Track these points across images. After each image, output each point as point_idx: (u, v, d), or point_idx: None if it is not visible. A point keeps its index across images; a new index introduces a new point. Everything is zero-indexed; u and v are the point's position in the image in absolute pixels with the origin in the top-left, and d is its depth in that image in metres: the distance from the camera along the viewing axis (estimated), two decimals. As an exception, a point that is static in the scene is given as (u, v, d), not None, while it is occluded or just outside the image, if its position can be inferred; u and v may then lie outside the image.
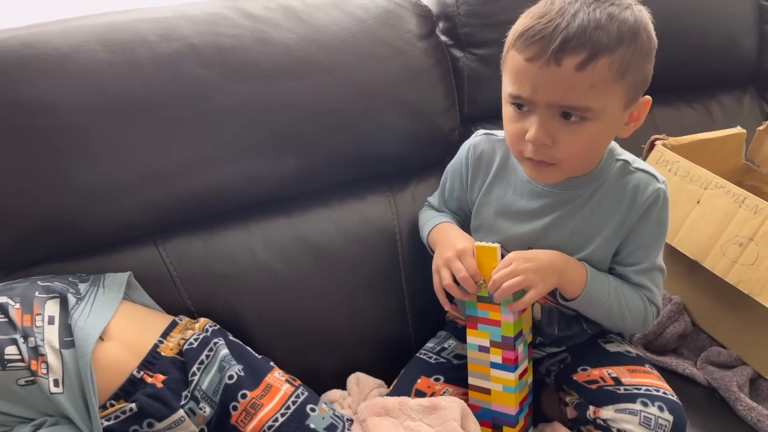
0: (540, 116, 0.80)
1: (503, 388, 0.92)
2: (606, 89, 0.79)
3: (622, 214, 0.91)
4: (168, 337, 0.91)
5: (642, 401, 0.88)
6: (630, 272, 0.93)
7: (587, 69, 0.76)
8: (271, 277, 1.06)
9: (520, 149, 0.85)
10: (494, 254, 0.88)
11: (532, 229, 0.93)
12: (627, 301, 0.92)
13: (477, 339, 0.92)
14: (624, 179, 0.91)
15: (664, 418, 0.87)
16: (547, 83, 0.78)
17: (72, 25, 0.96)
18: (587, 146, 0.83)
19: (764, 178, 1.33)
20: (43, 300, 0.83)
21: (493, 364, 0.92)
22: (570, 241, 0.92)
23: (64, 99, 0.91)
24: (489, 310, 0.90)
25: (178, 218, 1.03)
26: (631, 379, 0.92)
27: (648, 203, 0.90)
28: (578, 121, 0.80)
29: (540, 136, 0.80)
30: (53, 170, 0.93)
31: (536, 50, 0.77)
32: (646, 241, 0.92)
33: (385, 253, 1.14)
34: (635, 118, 0.87)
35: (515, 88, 0.81)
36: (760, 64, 1.57)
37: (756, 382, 1.09)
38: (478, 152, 0.99)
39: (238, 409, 0.86)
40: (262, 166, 1.05)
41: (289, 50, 1.03)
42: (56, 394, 0.79)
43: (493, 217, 0.98)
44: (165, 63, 0.96)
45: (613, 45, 0.76)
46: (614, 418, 0.88)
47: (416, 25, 1.14)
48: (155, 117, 0.96)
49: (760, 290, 0.98)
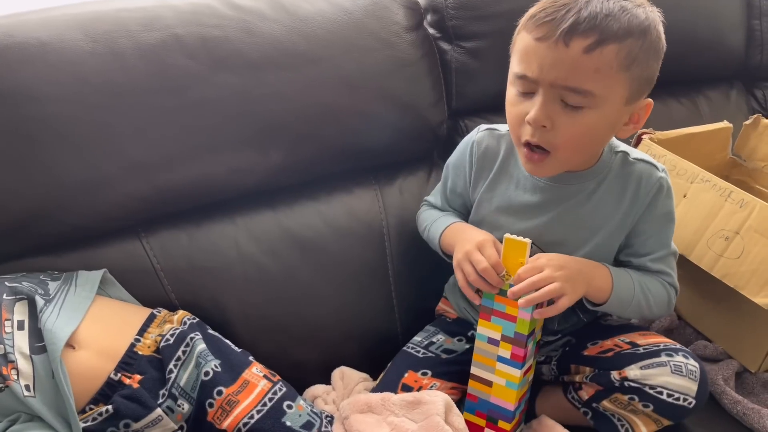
0: (542, 97, 0.81)
1: (506, 383, 0.91)
2: (610, 77, 0.79)
3: (625, 207, 0.91)
4: (145, 334, 0.90)
5: (666, 353, 0.88)
6: (647, 262, 0.94)
7: (594, 53, 0.77)
8: (257, 271, 1.05)
9: (519, 133, 0.85)
10: (524, 249, 0.86)
11: (536, 224, 0.93)
12: (651, 293, 0.92)
13: (488, 331, 0.90)
14: (625, 171, 0.91)
15: (692, 365, 0.87)
16: (553, 62, 0.78)
17: (53, 14, 0.94)
18: (584, 135, 0.83)
19: (750, 173, 1.33)
20: (11, 303, 0.82)
21: (500, 357, 0.90)
22: (574, 235, 0.92)
23: (45, 89, 0.90)
24: (506, 304, 0.88)
25: (162, 211, 1.02)
26: (646, 340, 0.92)
27: (652, 194, 0.91)
28: (578, 108, 0.80)
29: (540, 117, 0.80)
30: (34, 161, 0.91)
31: (546, 30, 0.78)
32: (657, 231, 0.93)
33: (372, 247, 1.13)
34: (635, 120, 0.87)
35: (521, 67, 0.82)
36: (747, 60, 1.57)
37: (742, 376, 1.09)
38: (482, 148, 0.99)
39: (214, 406, 0.85)
40: (248, 158, 1.04)
41: (275, 41, 1.02)
42: (29, 398, 0.78)
43: (495, 212, 0.97)
44: (148, 53, 0.94)
45: (621, 35, 0.78)
46: (643, 375, 0.87)
47: (404, 17, 1.13)
48: (138, 108, 0.95)
49: (745, 284, 0.98)
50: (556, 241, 0.92)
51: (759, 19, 1.55)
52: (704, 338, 1.15)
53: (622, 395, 0.90)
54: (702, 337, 1.15)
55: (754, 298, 0.97)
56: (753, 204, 1.00)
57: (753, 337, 1.06)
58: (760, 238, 0.98)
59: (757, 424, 0.99)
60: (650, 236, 0.93)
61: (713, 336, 1.14)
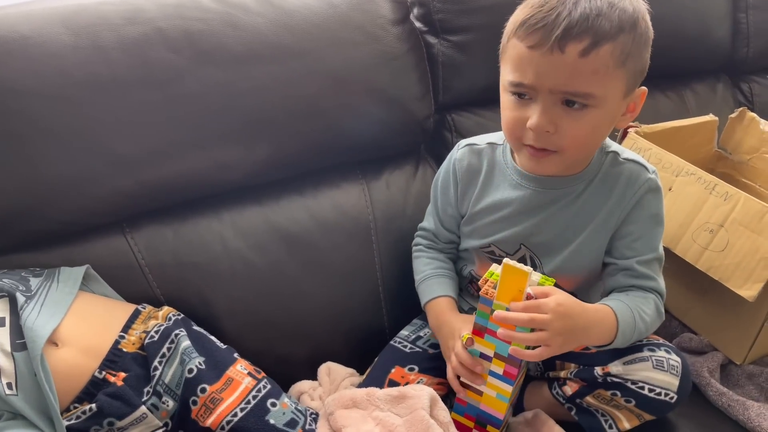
0: (542, 103, 0.80)
1: (497, 395, 0.90)
2: (608, 76, 0.79)
3: (610, 206, 0.91)
4: (130, 331, 0.89)
5: (649, 348, 0.89)
6: (635, 264, 0.92)
7: (590, 55, 0.77)
8: (243, 266, 1.05)
9: (519, 136, 0.84)
10: (524, 279, 0.79)
11: (523, 228, 0.94)
12: (647, 317, 0.89)
13: (481, 347, 0.88)
14: (614, 171, 0.91)
15: (674, 359, 0.87)
16: (550, 70, 0.78)
17: (34, 8, 0.93)
18: (589, 133, 0.83)
19: (736, 166, 1.34)
20: None
21: (492, 372, 0.89)
22: (561, 236, 0.93)
23: (27, 83, 0.89)
24: (501, 326, 0.83)
25: (146, 206, 1.01)
26: None
27: (640, 194, 0.90)
28: (580, 108, 0.80)
29: (542, 123, 0.80)
30: (17, 157, 0.90)
31: (539, 37, 0.77)
32: (645, 232, 0.92)
33: (359, 241, 1.13)
34: (632, 110, 0.87)
35: (517, 76, 0.81)
36: (734, 53, 1.58)
37: (727, 368, 1.10)
38: (464, 165, 0.99)
39: (197, 404, 0.85)
40: (233, 152, 1.03)
41: (260, 34, 1.01)
42: (11, 396, 0.77)
43: (486, 222, 0.97)
44: (131, 47, 0.93)
45: (614, 33, 0.77)
46: (625, 370, 0.88)
47: (390, 11, 1.12)
48: (122, 102, 0.94)
49: (729, 276, 0.99)
50: (543, 242, 0.93)
51: (745, 12, 1.55)
52: (690, 330, 1.15)
53: (605, 391, 0.90)
54: (687, 330, 1.16)
55: (738, 291, 0.98)
56: (737, 197, 1.00)
57: (738, 330, 1.07)
58: (744, 230, 0.99)
59: (741, 415, 1.00)
60: (638, 238, 0.92)
61: (698, 328, 1.14)
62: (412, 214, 1.11)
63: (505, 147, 0.97)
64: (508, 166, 0.95)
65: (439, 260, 1.05)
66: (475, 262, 1.02)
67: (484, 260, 1.00)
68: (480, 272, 1.01)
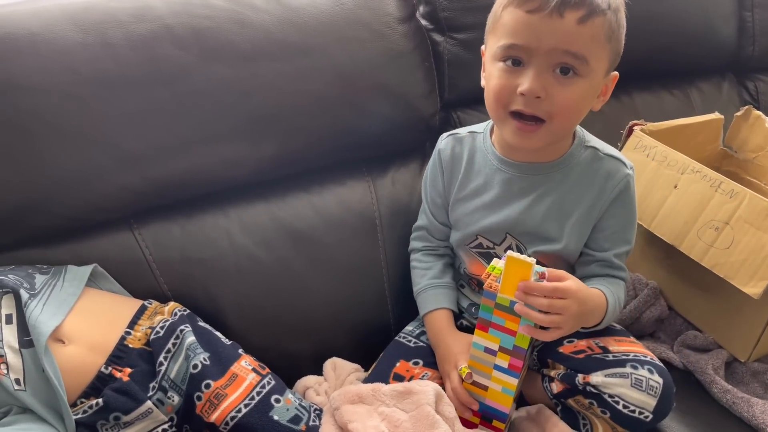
0: (535, 68, 0.82)
1: (503, 389, 0.90)
2: (601, 46, 0.83)
3: (591, 199, 0.93)
4: (136, 327, 0.90)
5: (632, 365, 0.89)
6: (612, 257, 0.96)
7: (587, 23, 0.80)
8: (249, 262, 1.05)
9: (506, 103, 0.85)
10: (528, 270, 0.80)
11: (506, 216, 0.95)
12: (621, 301, 0.96)
13: (485, 341, 0.88)
14: (594, 165, 0.94)
15: (654, 380, 0.87)
16: (550, 32, 0.80)
17: (43, 4, 0.94)
18: (577, 102, 0.85)
19: (742, 164, 1.34)
20: None
21: (497, 366, 0.89)
22: (544, 225, 0.94)
23: (35, 80, 0.89)
24: (506, 319, 0.85)
25: (154, 202, 1.02)
26: (619, 347, 0.93)
27: (619, 188, 0.93)
28: (571, 77, 0.83)
29: (535, 87, 0.82)
30: (26, 153, 0.91)
31: (539, 3, 0.80)
32: (623, 226, 0.96)
33: (365, 238, 1.13)
34: (604, 92, 0.91)
35: (514, 38, 0.83)
36: (739, 51, 1.57)
37: (731, 366, 1.10)
38: (447, 153, 1.01)
39: (202, 399, 0.85)
40: (240, 149, 1.03)
41: (267, 32, 1.02)
42: (19, 391, 0.78)
43: (469, 209, 0.99)
44: (139, 44, 0.94)
45: (604, 8, 0.81)
46: (605, 382, 0.88)
47: (396, 8, 1.12)
48: (130, 99, 0.94)
49: (735, 274, 0.99)
50: (528, 232, 0.94)
51: (751, 11, 1.55)
52: (694, 328, 1.15)
53: (584, 398, 0.91)
54: (692, 327, 1.16)
55: (743, 288, 0.98)
56: (743, 194, 1.00)
57: (743, 327, 1.07)
58: (749, 228, 0.99)
59: (746, 413, 1.00)
60: (616, 231, 0.95)
61: (703, 326, 1.14)
62: (418, 210, 1.11)
63: (485, 135, 0.99)
64: (488, 151, 0.97)
65: (434, 269, 1.05)
66: (464, 261, 1.03)
67: (473, 257, 1.01)
68: (471, 270, 1.02)
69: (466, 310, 1.06)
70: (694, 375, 1.08)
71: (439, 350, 0.99)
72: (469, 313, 1.05)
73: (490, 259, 0.97)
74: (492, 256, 0.98)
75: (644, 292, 1.16)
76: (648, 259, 1.20)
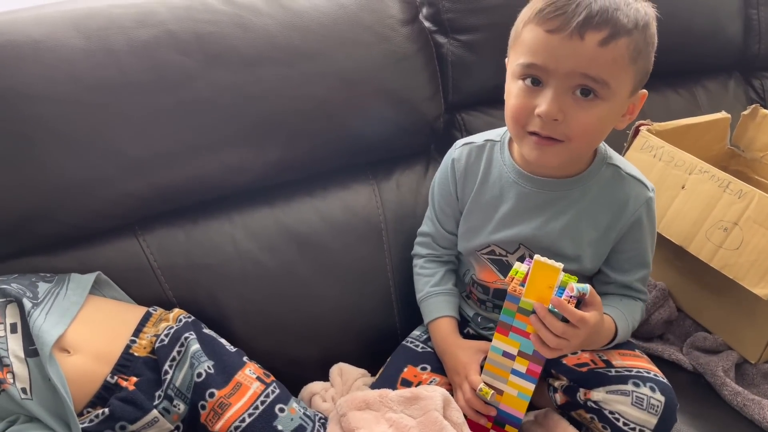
0: (554, 90, 0.80)
1: (518, 394, 0.90)
2: (623, 69, 0.80)
3: (610, 220, 0.92)
4: (141, 335, 0.89)
5: (634, 382, 0.88)
6: (635, 282, 0.96)
7: (609, 46, 0.78)
8: (255, 267, 1.05)
9: (524, 123, 0.84)
10: (555, 275, 0.79)
11: (520, 230, 0.94)
12: (636, 322, 0.96)
13: (504, 345, 0.87)
14: (615, 185, 0.92)
15: (656, 399, 0.87)
16: (569, 54, 0.78)
17: (46, 11, 0.93)
18: (596, 126, 0.83)
19: (749, 163, 1.33)
20: (2, 306, 0.82)
21: (514, 371, 0.88)
22: (558, 244, 0.92)
23: (38, 88, 0.89)
24: (527, 323, 0.84)
25: (158, 209, 1.02)
26: (622, 361, 0.92)
27: (640, 212, 0.92)
28: (591, 99, 0.80)
29: (552, 110, 0.79)
30: (30, 161, 0.91)
31: (559, 23, 0.78)
32: (644, 249, 0.95)
33: (370, 242, 1.12)
34: (631, 111, 0.88)
35: (533, 57, 0.80)
36: (746, 49, 1.56)
37: (741, 367, 1.09)
38: (462, 164, 0.99)
39: (206, 408, 0.85)
40: (244, 155, 1.03)
41: (270, 36, 1.01)
42: (26, 401, 0.78)
43: (482, 221, 0.97)
44: (142, 50, 0.94)
45: (630, 28, 0.78)
46: (606, 399, 0.88)
47: (399, 11, 1.12)
48: (133, 105, 0.94)
49: (744, 275, 0.98)
50: (544, 248, 0.93)
51: (756, 9, 1.54)
52: (704, 330, 1.14)
53: (585, 413, 0.91)
54: (701, 329, 1.15)
55: (753, 289, 0.97)
56: (752, 194, 1.00)
57: (753, 328, 1.06)
58: (758, 228, 0.98)
59: (757, 415, 0.99)
60: (636, 254, 0.95)
61: (713, 327, 1.13)
62: (423, 214, 1.10)
63: (503, 144, 0.97)
64: (505, 163, 0.95)
65: (437, 275, 1.05)
66: (474, 267, 1.02)
67: (483, 264, 1.00)
68: (481, 277, 1.01)
69: (472, 320, 1.05)
70: (704, 377, 1.07)
71: (446, 360, 0.98)
72: (475, 323, 1.05)
73: (502, 266, 0.97)
74: (504, 263, 0.97)
75: (653, 293, 1.15)
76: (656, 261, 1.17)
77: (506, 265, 0.97)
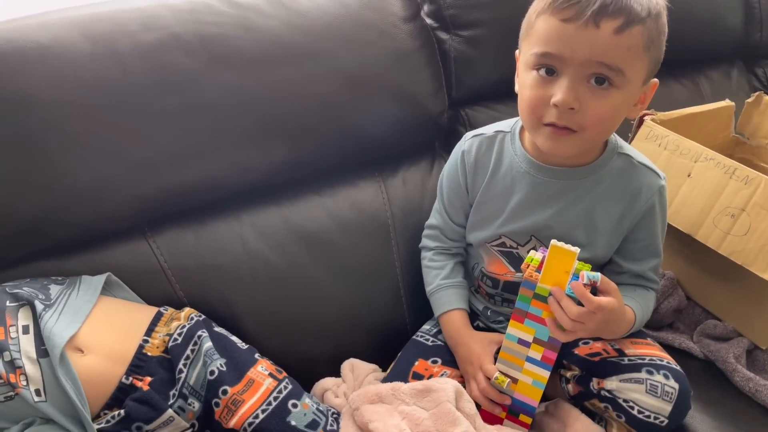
0: (569, 79, 0.80)
1: (533, 382, 0.90)
2: (638, 56, 0.80)
3: (622, 210, 0.92)
4: (153, 334, 0.90)
5: (647, 370, 0.88)
6: (648, 271, 0.97)
7: (624, 33, 0.78)
8: (264, 266, 1.05)
9: (540, 115, 0.84)
10: (571, 260, 0.81)
11: (533, 221, 0.94)
12: (649, 312, 0.97)
13: (519, 332, 0.88)
14: (627, 174, 0.92)
15: (670, 386, 0.87)
16: (585, 42, 0.78)
17: (52, 17, 0.94)
18: (611, 114, 0.83)
19: (754, 150, 1.33)
20: (15, 309, 0.82)
21: (529, 358, 0.89)
22: (571, 234, 0.93)
23: (46, 93, 0.90)
24: (543, 309, 0.86)
25: (167, 210, 1.02)
26: (635, 350, 0.92)
27: (653, 201, 0.92)
28: (606, 88, 0.80)
29: (568, 99, 0.80)
30: (39, 165, 0.91)
31: (574, 12, 0.78)
32: (656, 238, 0.96)
33: (378, 239, 1.13)
34: (642, 100, 0.88)
35: (548, 46, 0.81)
36: (747, 37, 1.56)
37: (752, 353, 1.09)
38: (472, 156, 0.99)
39: (220, 406, 0.86)
40: (250, 154, 1.04)
41: (274, 36, 1.02)
42: (40, 402, 0.78)
43: (494, 212, 0.97)
44: (147, 53, 0.95)
45: (644, 16, 0.79)
46: (620, 388, 0.88)
47: (401, 8, 1.13)
48: (140, 108, 0.95)
49: (753, 260, 0.98)
50: (559, 238, 0.92)
51: (757, -3, 1.55)
52: (713, 317, 1.14)
53: (599, 402, 0.91)
54: (711, 316, 1.15)
55: (762, 275, 0.97)
56: (758, 180, 0.99)
57: (762, 314, 1.06)
58: (766, 214, 0.98)
59: (769, 400, 0.99)
60: (649, 244, 0.96)
61: (722, 314, 1.13)
62: (430, 209, 1.11)
63: (513, 135, 0.97)
64: (516, 153, 0.95)
65: (446, 268, 1.05)
66: (483, 259, 1.02)
67: (493, 256, 1.00)
68: (490, 269, 1.01)
69: (482, 313, 1.05)
70: (715, 364, 1.07)
71: (459, 351, 0.98)
72: (485, 316, 1.05)
73: (512, 258, 0.97)
74: (515, 255, 0.97)
75: (661, 282, 1.15)
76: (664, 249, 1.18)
77: (516, 257, 0.97)
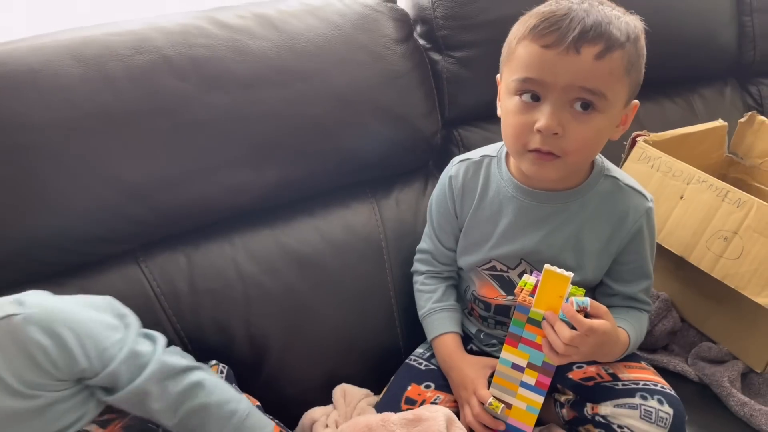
0: (552, 104, 0.80)
1: (527, 407, 0.89)
2: (619, 80, 0.81)
3: (610, 232, 0.92)
4: None
5: (641, 395, 0.88)
6: (638, 293, 0.97)
7: (605, 59, 0.79)
8: (257, 290, 1.04)
9: (525, 142, 0.84)
10: (565, 284, 0.81)
11: (522, 245, 0.94)
12: (643, 334, 0.96)
13: (513, 357, 0.88)
14: (614, 197, 0.92)
15: (664, 411, 0.86)
16: (567, 68, 0.79)
17: (43, 41, 0.94)
18: (593, 138, 0.83)
19: (748, 170, 1.33)
20: None
21: (523, 383, 0.89)
22: (560, 258, 0.93)
23: (37, 116, 0.89)
24: (537, 334, 0.85)
25: (159, 234, 1.02)
26: (629, 374, 0.92)
27: (640, 223, 0.92)
28: (588, 112, 0.81)
29: (552, 124, 0.80)
30: (31, 189, 0.91)
31: (555, 38, 0.78)
32: (644, 260, 0.95)
33: (371, 260, 1.12)
34: (624, 122, 0.88)
35: (529, 72, 0.81)
36: (740, 56, 1.57)
37: (747, 377, 1.09)
38: (459, 181, 0.99)
39: None
40: (243, 177, 1.03)
41: (266, 59, 1.02)
42: None
43: (483, 237, 0.97)
44: (139, 76, 0.94)
45: (623, 41, 0.80)
46: (614, 413, 0.88)
47: (393, 29, 1.13)
48: (131, 131, 0.94)
49: (746, 284, 0.98)
50: (548, 261, 0.92)
51: (750, 15, 1.55)
52: (708, 340, 1.14)
53: (594, 428, 0.91)
54: (706, 339, 1.14)
55: (755, 299, 0.96)
56: (750, 203, 0.99)
57: (757, 338, 1.06)
58: (758, 237, 0.98)
59: (764, 425, 0.98)
60: (638, 265, 0.95)
61: (717, 337, 1.13)
62: (423, 231, 1.10)
63: (500, 159, 0.97)
64: (503, 178, 0.95)
65: (438, 291, 1.04)
66: (475, 283, 1.01)
67: (484, 279, 0.99)
68: (482, 293, 1.01)
69: (475, 336, 1.05)
70: (710, 388, 1.06)
71: (452, 375, 0.98)
72: (478, 339, 1.04)
73: (503, 282, 0.97)
74: (506, 279, 0.97)
75: (656, 304, 1.15)
76: (658, 271, 1.18)
77: (507, 281, 0.97)
